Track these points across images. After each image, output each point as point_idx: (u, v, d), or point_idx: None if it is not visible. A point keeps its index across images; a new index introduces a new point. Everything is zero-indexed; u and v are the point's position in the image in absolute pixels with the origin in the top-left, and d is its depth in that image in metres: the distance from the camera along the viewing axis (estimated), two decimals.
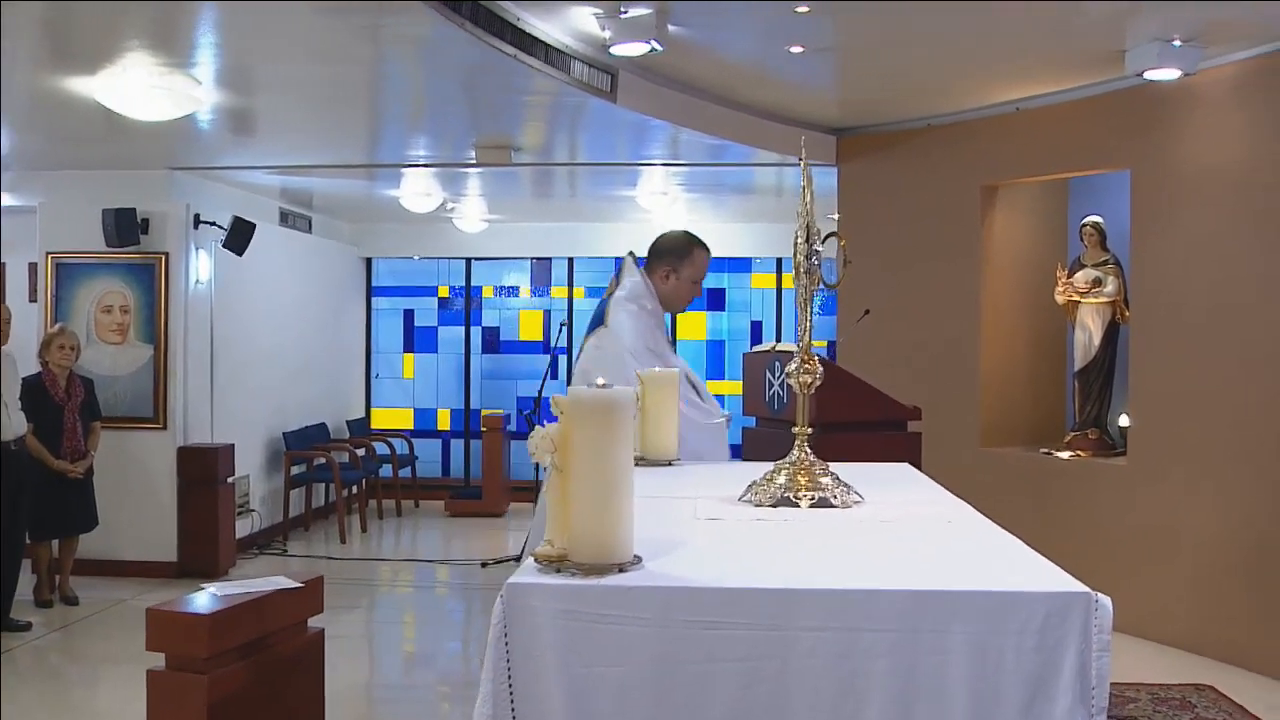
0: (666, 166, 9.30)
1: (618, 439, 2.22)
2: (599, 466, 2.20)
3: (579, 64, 6.18)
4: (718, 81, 7.21)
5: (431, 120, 7.89)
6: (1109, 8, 5.80)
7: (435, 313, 13.06)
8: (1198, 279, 6.59)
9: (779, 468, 3.10)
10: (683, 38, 6.14)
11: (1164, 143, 6.80)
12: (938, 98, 7.66)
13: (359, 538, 10.92)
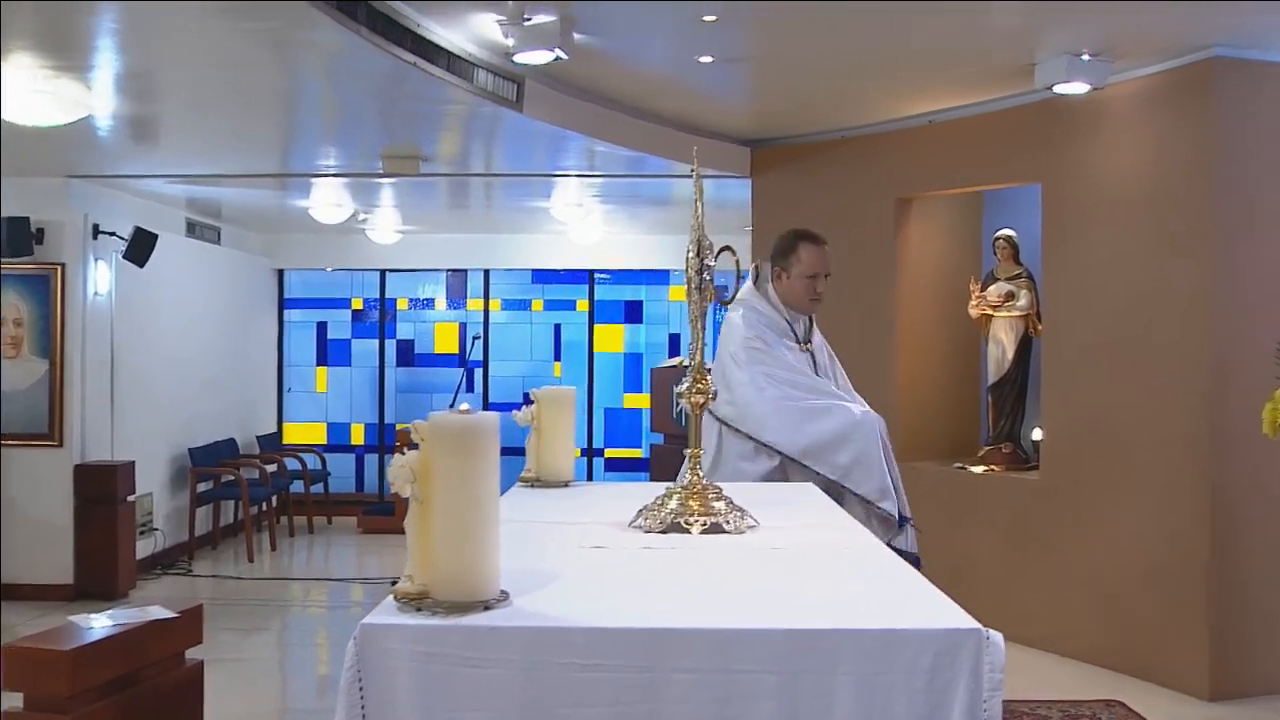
0: (581, 178, 9.19)
1: (482, 467, 2.09)
2: (462, 497, 2.06)
3: (483, 72, 6.03)
4: (630, 92, 7.11)
5: (339, 129, 7.70)
6: (1019, 21, 5.79)
7: (349, 325, 12.81)
8: (1107, 292, 6.59)
9: (670, 492, 2.98)
10: (590, 46, 6.03)
11: (1074, 156, 6.81)
12: (851, 110, 7.62)
13: (268, 556, 10.64)
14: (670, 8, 5.52)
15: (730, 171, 8.50)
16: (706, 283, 2.93)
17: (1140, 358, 6.39)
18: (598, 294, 12.56)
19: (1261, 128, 6.14)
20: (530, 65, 5.97)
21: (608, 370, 12.52)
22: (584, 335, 12.55)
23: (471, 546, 2.06)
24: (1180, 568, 6.13)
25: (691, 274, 2.94)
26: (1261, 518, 5.93)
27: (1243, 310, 6.08)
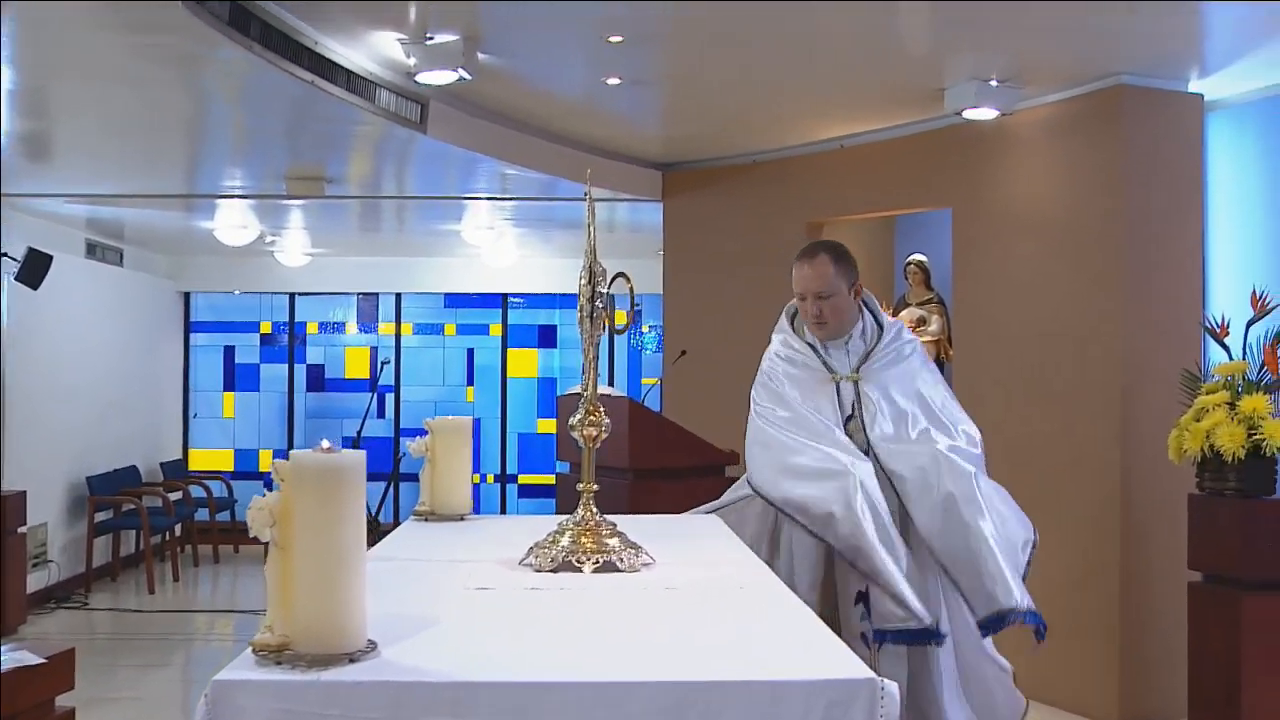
0: (492, 201, 9.06)
1: (346, 510, 1.96)
2: (324, 542, 1.93)
3: (386, 93, 5.89)
4: (539, 114, 7.00)
5: (244, 149, 7.50)
6: (928, 46, 5.78)
7: (257, 349, 12.53)
8: (1018, 317, 6.59)
9: (563, 528, 2.86)
10: (495, 67, 5.91)
11: (984, 181, 6.82)
12: (762, 134, 7.58)
13: (171, 587, 10.32)
14: (576, 28, 5.43)
15: (642, 195, 8.43)
16: (599, 311, 2.82)
17: (1051, 382, 6.39)
18: (511, 318, 12.43)
19: (1167, 156, 6.19)
20: (434, 86, 5.84)
21: (521, 395, 12.37)
22: (497, 360, 12.41)
23: (335, 595, 1.93)
24: (1090, 593, 6.12)
25: (583, 301, 2.83)
26: (1169, 543, 5.94)
27: (1152, 336, 6.11)
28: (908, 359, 3.75)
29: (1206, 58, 5.90)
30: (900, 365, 3.72)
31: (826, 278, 3.67)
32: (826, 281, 3.67)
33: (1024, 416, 6.52)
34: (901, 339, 3.78)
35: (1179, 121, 6.20)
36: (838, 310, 3.70)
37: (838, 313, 3.70)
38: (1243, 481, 5.10)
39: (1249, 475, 5.08)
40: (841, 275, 3.68)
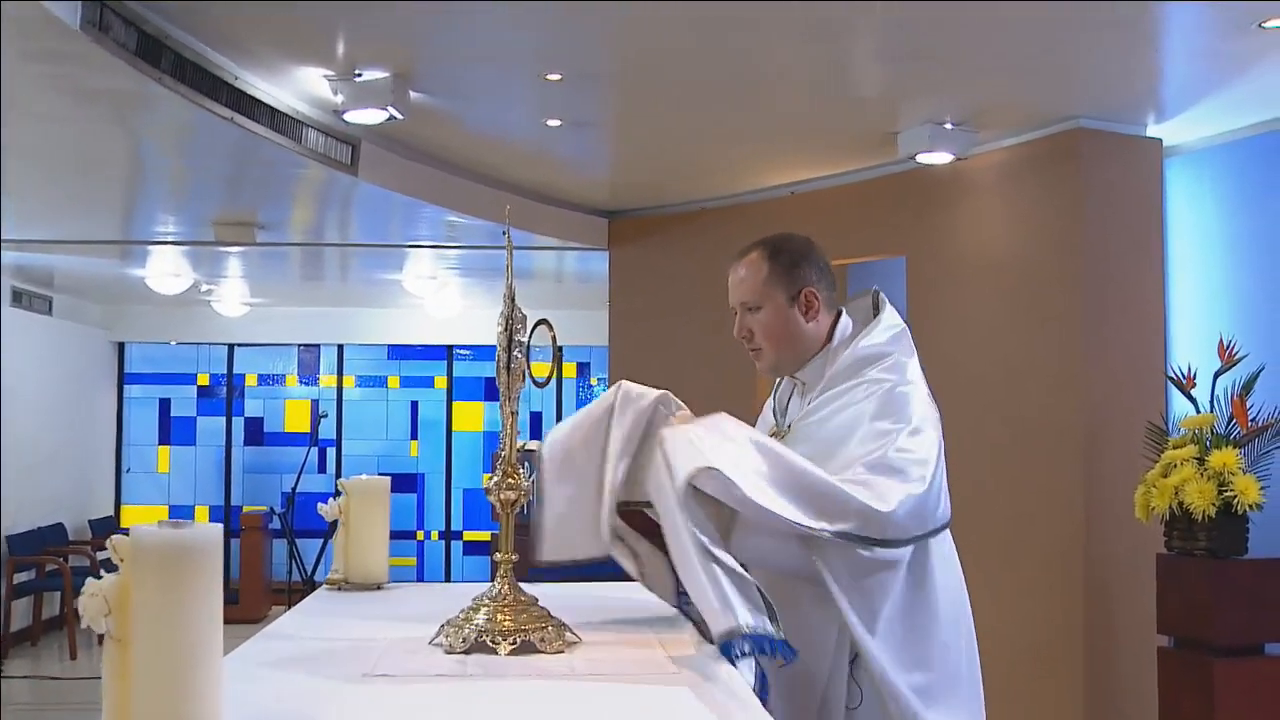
0: (435, 249, 8.78)
1: (198, 596, 1.63)
2: (170, 635, 1.60)
3: (314, 132, 5.61)
4: (478, 157, 6.74)
5: (171, 192, 7.19)
6: (880, 89, 5.59)
7: (194, 402, 12.11)
8: (975, 366, 6.36)
9: (478, 603, 2.54)
10: (428, 106, 5.64)
11: (938, 228, 6.61)
12: (710, 180, 7.37)
13: (95, 652, 9.81)
14: (511, 65, 5.19)
15: (587, 244, 8.19)
16: (518, 361, 2.51)
17: (1009, 436, 6.15)
18: (456, 370, 12.12)
19: (1126, 201, 6.01)
20: (364, 125, 5.56)
21: (467, 449, 12.03)
22: (442, 413, 12.08)
23: (182, 698, 1.61)
24: (1052, 657, 5.85)
25: (500, 351, 2.52)
26: (1136, 606, 5.68)
27: (1114, 387, 5.89)
28: (859, 404, 2.43)
29: (1164, 102, 5.75)
30: (844, 414, 2.44)
31: (753, 283, 2.56)
32: (752, 288, 2.56)
33: (980, 472, 6.26)
34: (864, 376, 2.46)
35: (1138, 166, 6.04)
36: (771, 331, 2.56)
37: (771, 335, 2.56)
38: (1213, 541, 4.87)
39: (1220, 534, 4.85)
40: (777, 280, 2.54)
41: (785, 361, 2.61)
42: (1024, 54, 5.07)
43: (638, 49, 5.00)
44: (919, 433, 2.39)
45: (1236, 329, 5.46)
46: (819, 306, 2.55)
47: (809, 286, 2.54)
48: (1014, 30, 4.77)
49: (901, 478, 2.30)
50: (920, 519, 2.31)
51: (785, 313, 2.55)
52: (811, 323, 2.56)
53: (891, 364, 2.48)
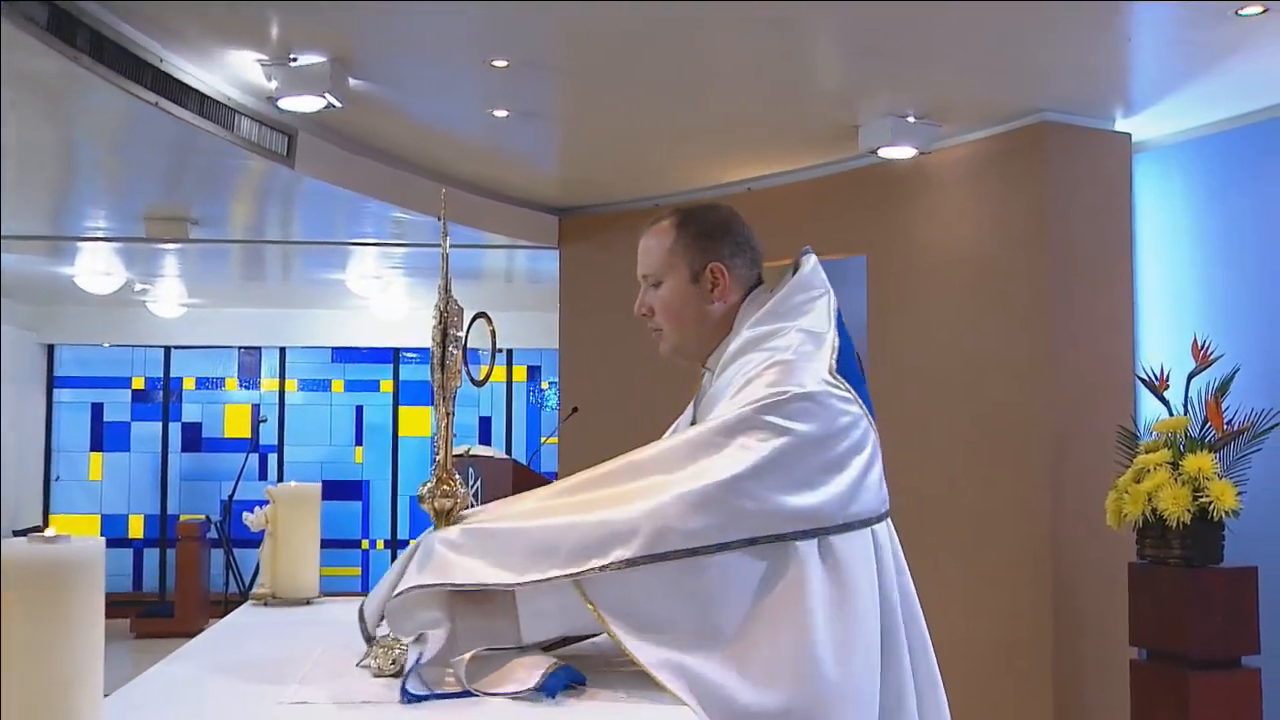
0: (379, 247, 8.49)
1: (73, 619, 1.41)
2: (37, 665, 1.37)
3: (246, 120, 5.31)
4: (422, 150, 6.46)
5: (99, 185, 6.84)
6: (841, 81, 5.39)
7: (128, 406, 11.68)
8: (939, 366, 6.16)
9: None
10: (369, 94, 5.37)
11: (900, 225, 6.40)
12: (664, 176, 7.14)
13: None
14: (455, 50, 4.92)
15: (537, 242, 7.92)
16: (453, 358, 2.24)
17: (975, 436, 5.95)
18: (403, 374, 11.77)
19: (1093, 196, 5.84)
20: (300, 113, 5.27)
21: (414, 455, 11.69)
22: (388, 418, 11.73)
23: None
24: (1019, 670, 5.65)
25: (434, 348, 2.25)
26: (1107, 617, 5.50)
27: (1082, 387, 5.71)
28: (738, 391, 2.04)
29: (1133, 95, 5.59)
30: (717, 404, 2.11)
31: (657, 254, 2.25)
32: (656, 260, 2.25)
33: (944, 477, 6.06)
34: (746, 358, 2.10)
35: (1106, 161, 5.86)
36: (670, 309, 2.25)
37: (671, 313, 2.25)
38: (1188, 549, 4.67)
39: (1195, 542, 4.65)
40: (682, 253, 2.22)
41: (687, 344, 2.28)
42: (988, 45, 4.90)
43: (587, 35, 4.77)
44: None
45: (1208, 329, 5.30)
46: (726, 285, 2.21)
47: (717, 262, 2.21)
48: (978, 21, 4.60)
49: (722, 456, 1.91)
50: (739, 510, 1.87)
51: (685, 289, 2.23)
52: (718, 303, 2.22)
53: (773, 338, 2.11)
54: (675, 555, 1.82)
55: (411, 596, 1.92)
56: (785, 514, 1.89)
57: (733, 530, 1.85)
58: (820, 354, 2.07)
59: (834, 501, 1.95)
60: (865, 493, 2.02)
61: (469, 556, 1.91)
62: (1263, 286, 5.52)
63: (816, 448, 1.95)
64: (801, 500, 1.91)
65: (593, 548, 1.84)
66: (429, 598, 1.92)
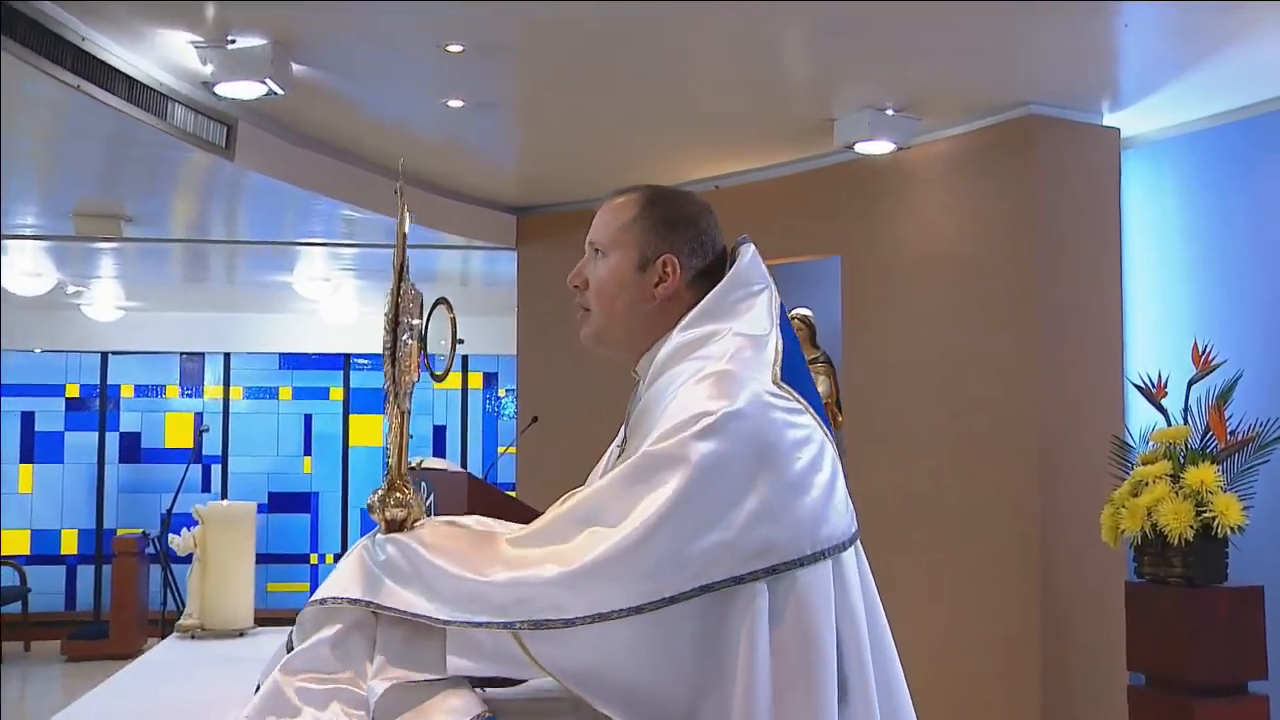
0: (327, 247, 8.10)
1: None
2: None
3: (180, 108, 4.92)
4: (372, 144, 6.10)
5: (26, 177, 6.40)
6: (814, 70, 5.12)
7: (62, 416, 11.13)
8: (920, 372, 5.86)
9: None
10: (314, 81, 5.00)
11: (878, 224, 6.10)
12: (627, 173, 6.75)
13: None
14: (407, 33, 4.57)
15: (494, 242, 7.58)
16: (408, 349, 1.86)
17: (958, 446, 5.66)
18: (354, 381, 11.31)
19: (1081, 193, 5.57)
20: (239, 101, 4.89)
21: (365, 466, 11.25)
22: (338, 427, 11.27)
23: None
24: (1007, 697, 5.35)
25: (385, 336, 1.90)
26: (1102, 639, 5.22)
27: (1070, 392, 5.44)
28: (667, 408, 1.78)
29: (1121, 89, 5.33)
30: (643, 425, 1.85)
31: (611, 225, 1.95)
32: (607, 230, 1.95)
33: (925, 489, 5.76)
34: (676, 370, 1.83)
35: (1094, 156, 5.60)
36: (603, 289, 1.93)
37: (604, 294, 1.93)
38: (1190, 567, 4.39)
39: (1198, 560, 4.38)
40: (639, 233, 1.92)
41: (611, 334, 1.95)
42: (971, 34, 4.62)
43: (547, 20, 4.44)
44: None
45: (1201, 331, 5.03)
46: (674, 282, 1.90)
47: (671, 255, 1.90)
48: (960, 7, 4.31)
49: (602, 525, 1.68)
50: (638, 568, 1.62)
51: (628, 273, 1.91)
52: (659, 300, 1.90)
53: (706, 343, 1.82)
54: (618, 615, 1.61)
55: (325, 609, 1.76)
56: (741, 553, 1.63)
57: (680, 580, 1.62)
58: (760, 359, 1.78)
59: (797, 529, 1.67)
60: (833, 514, 1.73)
61: (400, 580, 1.72)
62: (1260, 288, 5.27)
63: (767, 471, 1.66)
64: (757, 533, 1.63)
65: (528, 603, 1.64)
66: (347, 611, 1.75)
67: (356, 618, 1.74)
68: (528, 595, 1.63)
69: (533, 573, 1.64)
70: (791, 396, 1.75)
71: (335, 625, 1.74)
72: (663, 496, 1.63)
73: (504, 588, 1.64)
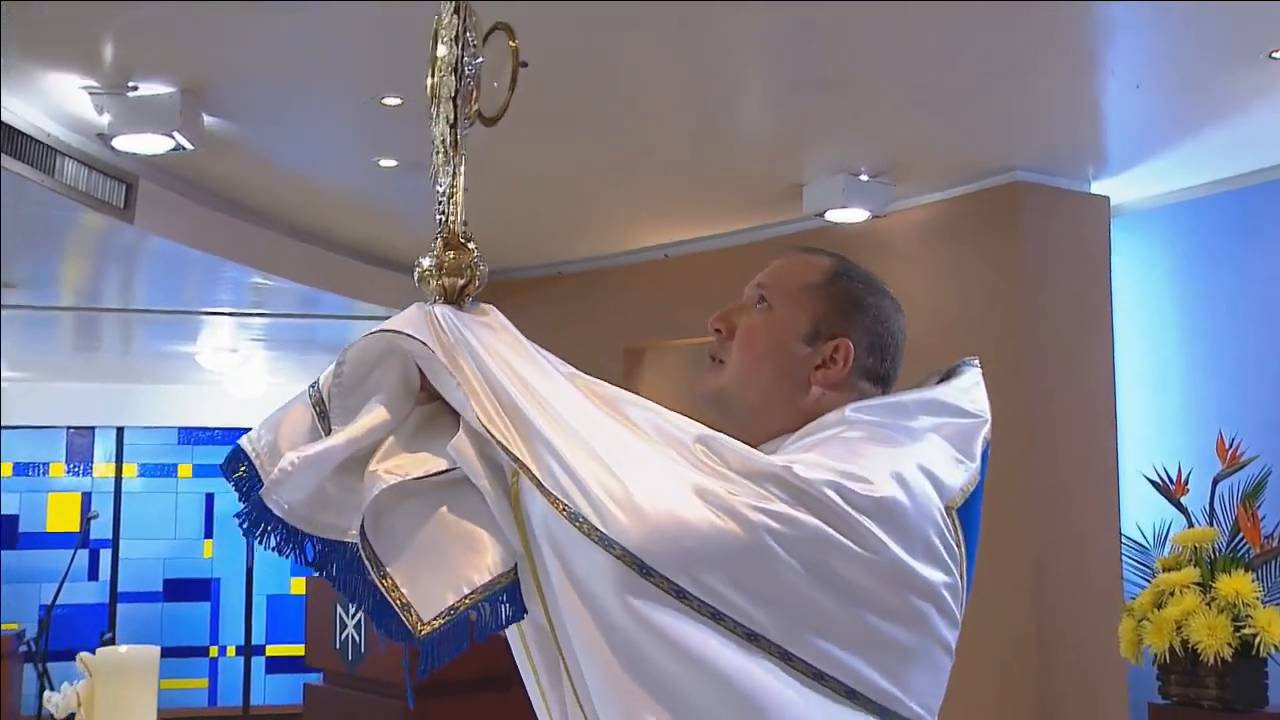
0: (236, 316, 7.47)
1: None
2: None
3: (71, 163, 4.29)
4: (291, 204, 5.55)
5: None
6: (782, 130, 4.72)
7: None
8: None
9: None
10: (230, 137, 4.42)
11: None
12: (569, 239, 6.36)
13: None
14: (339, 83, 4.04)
15: None
16: (469, 82, 1.49)
17: None
18: None
19: (1070, 266, 5.20)
20: (141, 157, 4.28)
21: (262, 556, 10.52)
22: None
23: None
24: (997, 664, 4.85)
25: (441, 68, 1.52)
26: None
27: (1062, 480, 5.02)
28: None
29: (1110, 154, 4.99)
30: None
31: (788, 278, 1.59)
32: (783, 281, 1.58)
33: None
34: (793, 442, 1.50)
35: (1083, 225, 5.26)
36: (754, 343, 1.55)
37: (753, 349, 1.55)
38: (1227, 689, 3.92)
39: (1235, 680, 3.91)
40: (818, 300, 1.56)
41: (738, 400, 1.56)
42: (953, 93, 4.24)
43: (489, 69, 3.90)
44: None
45: (1187, 412, 4.65)
46: (838, 372, 1.54)
47: (849, 340, 1.55)
48: (941, 64, 3.95)
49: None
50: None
51: (790, 338, 1.55)
52: (814, 388, 1.53)
53: (894, 427, 1.47)
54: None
55: (381, 342, 1.38)
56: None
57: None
58: (952, 471, 1.45)
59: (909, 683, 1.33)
60: (938, 689, 1.40)
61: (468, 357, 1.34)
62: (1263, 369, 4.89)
63: (893, 592, 1.30)
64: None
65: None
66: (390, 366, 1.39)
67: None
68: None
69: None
70: (957, 534, 1.40)
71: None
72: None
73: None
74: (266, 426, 1.43)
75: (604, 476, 1.22)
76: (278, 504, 1.32)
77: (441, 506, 1.30)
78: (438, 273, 1.44)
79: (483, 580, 1.26)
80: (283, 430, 1.41)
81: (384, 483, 1.27)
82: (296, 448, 1.34)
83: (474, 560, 1.27)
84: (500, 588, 1.26)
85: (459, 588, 1.26)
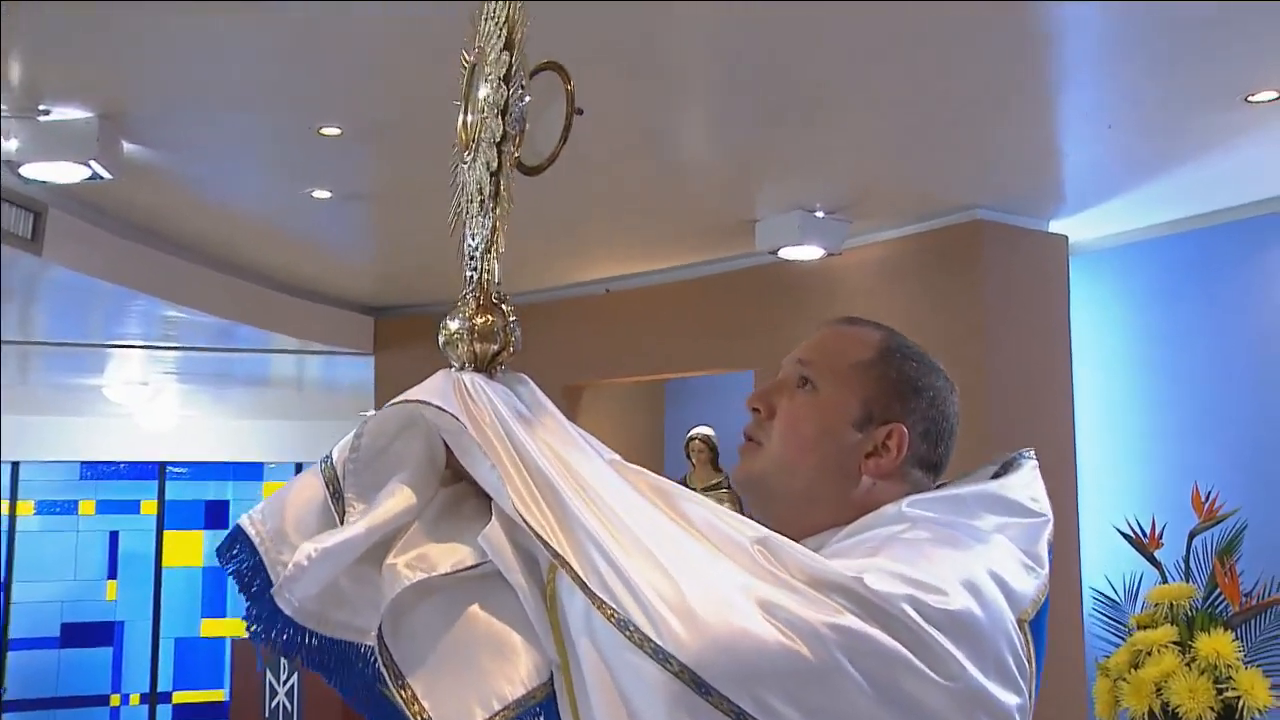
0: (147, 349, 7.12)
1: None
2: None
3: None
4: (211, 235, 5.26)
5: None
6: (734, 166, 4.53)
7: None
8: None
9: None
10: (150, 165, 4.12)
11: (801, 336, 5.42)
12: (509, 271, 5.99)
13: None
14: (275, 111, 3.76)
15: (348, 347, 6.76)
16: (515, 129, 1.33)
17: None
18: (170, 492, 10.06)
19: (1029, 303, 5.11)
20: (51, 186, 3.95)
21: (181, 589, 9.98)
22: (150, 545, 9.98)
23: None
24: None
25: (484, 106, 1.33)
26: None
27: None
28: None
29: (1069, 193, 4.88)
30: None
31: (835, 355, 1.43)
32: (829, 359, 1.43)
33: None
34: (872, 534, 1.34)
35: (1042, 265, 5.20)
36: (798, 428, 1.39)
37: (796, 434, 1.39)
38: None
39: None
40: (869, 382, 1.41)
41: (781, 487, 1.40)
42: (911, 128, 4.10)
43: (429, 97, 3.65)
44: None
45: (1147, 449, 4.55)
46: (892, 461, 1.37)
47: (904, 425, 1.38)
48: (901, 104, 3.84)
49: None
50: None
51: (839, 423, 1.39)
52: (864, 478, 1.37)
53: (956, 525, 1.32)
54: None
55: (404, 413, 1.32)
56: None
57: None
58: (1023, 579, 1.28)
59: None
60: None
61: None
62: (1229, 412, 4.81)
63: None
64: None
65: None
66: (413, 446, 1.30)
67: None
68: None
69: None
70: (1028, 650, 1.26)
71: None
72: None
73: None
74: (272, 508, 1.26)
75: (657, 579, 1.08)
76: (288, 602, 1.16)
77: (469, 605, 1.16)
78: (469, 337, 1.31)
79: (515, 695, 1.12)
80: (289, 512, 1.24)
81: (406, 580, 1.13)
82: (305, 530, 1.20)
83: (505, 670, 1.14)
84: (535, 703, 1.13)
85: (488, 702, 1.12)
